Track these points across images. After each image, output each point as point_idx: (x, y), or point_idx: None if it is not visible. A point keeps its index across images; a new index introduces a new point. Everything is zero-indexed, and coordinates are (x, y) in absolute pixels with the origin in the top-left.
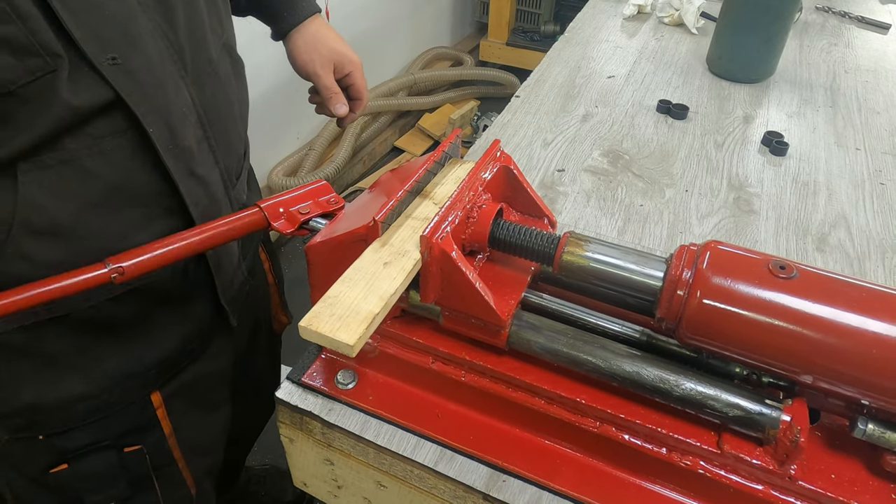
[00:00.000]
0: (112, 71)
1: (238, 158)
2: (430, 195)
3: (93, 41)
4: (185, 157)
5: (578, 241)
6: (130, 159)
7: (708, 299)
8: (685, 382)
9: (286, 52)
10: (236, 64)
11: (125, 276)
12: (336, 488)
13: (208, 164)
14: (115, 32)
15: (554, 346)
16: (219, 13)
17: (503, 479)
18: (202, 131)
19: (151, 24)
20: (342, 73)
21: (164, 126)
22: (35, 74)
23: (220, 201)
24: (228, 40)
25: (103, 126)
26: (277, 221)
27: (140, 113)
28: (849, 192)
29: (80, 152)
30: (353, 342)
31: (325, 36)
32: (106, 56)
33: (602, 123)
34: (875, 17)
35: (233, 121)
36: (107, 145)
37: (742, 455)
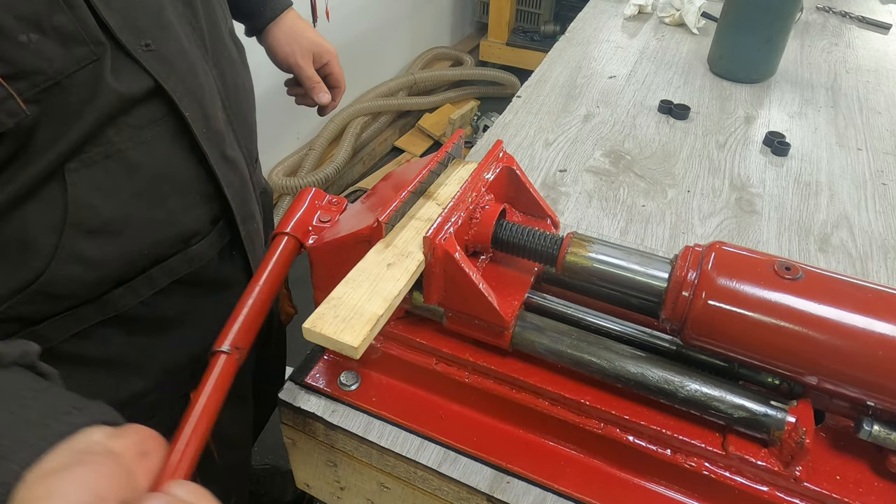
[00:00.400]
0: (148, 57)
1: (255, 141)
2: (434, 196)
3: (128, 29)
4: (217, 141)
5: (581, 241)
6: (170, 146)
7: (713, 300)
8: (690, 384)
9: (265, 47)
10: (240, 50)
11: (243, 351)
12: (339, 490)
13: (234, 146)
14: (148, 19)
15: (558, 347)
16: (222, 3)
17: (507, 480)
18: (226, 115)
19: (177, 10)
20: (320, 62)
21: (199, 110)
22: (81, 63)
23: (247, 183)
24: (231, 27)
25: (143, 115)
26: (309, 239)
27: (177, 97)
28: (851, 193)
29: (123, 144)
30: (358, 344)
31: (302, 28)
32: (140, 43)
33: (604, 124)
34: (876, 17)
35: (249, 104)
36: (147, 134)
37: (747, 456)
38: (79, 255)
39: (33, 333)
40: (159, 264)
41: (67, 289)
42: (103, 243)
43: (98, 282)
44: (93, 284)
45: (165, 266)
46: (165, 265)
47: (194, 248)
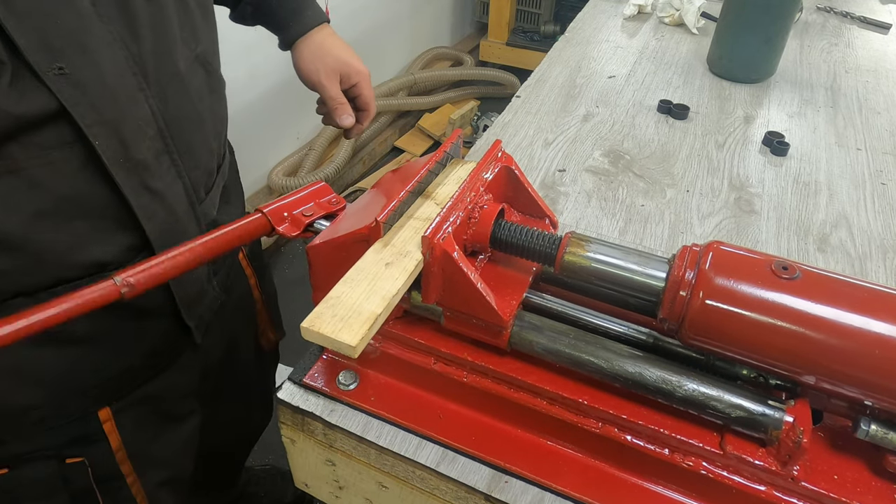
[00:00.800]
0: (58, 81)
1: (209, 173)
2: (432, 195)
3: (39, 50)
4: (138, 171)
5: (580, 241)
6: (80, 171)
7: (711, 300)
8: (688, 383)
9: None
10: (212, 78)
11: (135, 289)
12: (337, 489)
13: (168, 177)
14: (66, 42)
15: (556, 346)
16: (193, 26)
17: (505, 479)
18: (163, 144)
19: (111, 34)
20: (349, 83)
21: (115, 138)
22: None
23: (181, 216)
24: (204, 53)
25: (51, 136)
26: (281, 225)
27: (85, 125)
28: (850, 193)
29: (27, 162)
30: (356, 343)
31: (331, 45)
32: (52, 66)
33: (603, 123)
34: (875, 17)
35: (202, 135)
36: (55, 156)
37: (745, 456)
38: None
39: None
40: (66, 283)
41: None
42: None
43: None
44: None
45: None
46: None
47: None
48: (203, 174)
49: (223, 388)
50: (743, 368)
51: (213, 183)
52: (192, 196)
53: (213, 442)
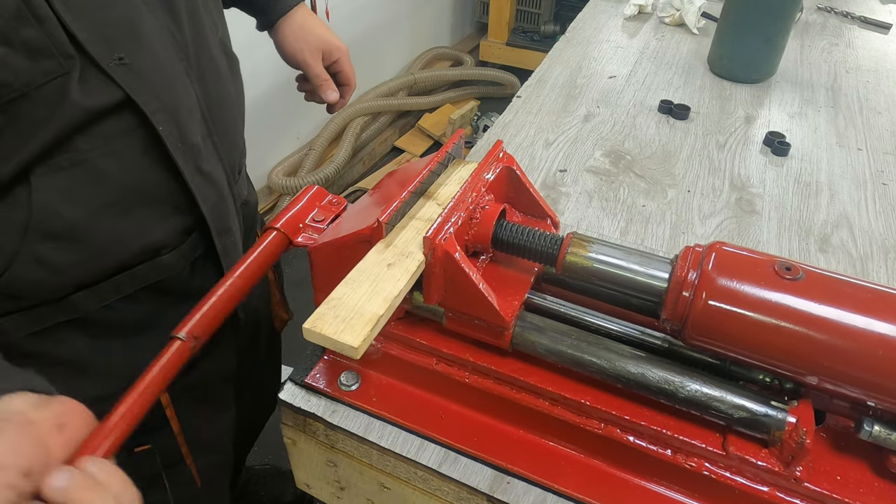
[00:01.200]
0: (120, 71)
1: (240, 154)
2: (434, 196)
3: (99, 42)
4: (192, 154)
5: (581, 241)
6: (141, 158)
7: (714, 300)
8: (690, 384)
9: (274, 42)
10: (232, 61)
11: (201, 340)
12: (339, 490)
13: (213, 160)
14: (122, 33)
15: (558, 347)
16: (212, 11)
17: (507, 480)
18: (206, 128)
19: (158, 22)
20: (330, 60)
21: (173, 124)
22: (48, 76)
23: (225, 197)
24: (223, 38)
25: (114, 126)
26: (299, 236)
27: (149, 111)
28: (851, 193)
29: (92, 153)
30: (358, 344)
31: (312, 24)
32: (113, 57)
33: (604, 124)
34: (876, 17)
35: (233, 117)
36: (118, 145)
37: (747, 457)
38: (40, 259)
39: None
40: (126, 271)
41: (27, 290)
42: (66, 248)
43: (60, 285)
44: (54, 287)
45: (132, 273)
46: (132, 272)
47: (164, 258)
48: (236, 155)
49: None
50: (759, 374)
51: (242, 164)
52: (230, 177)
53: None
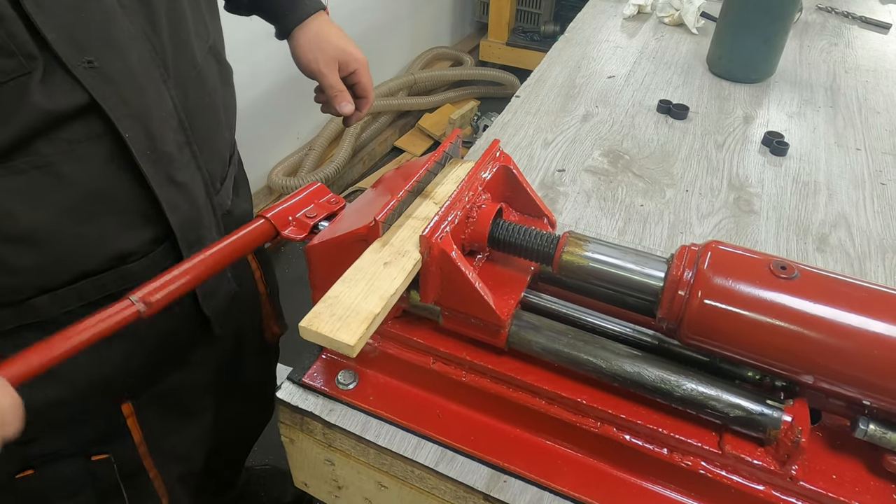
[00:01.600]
0: (88, 75)
1: (223, 164)
2: (431, 195)
3: (68, 44)
4: (163, 163)
5: (578, 240)
6: (107, 165)
7: (709, 300)
8: (686, 383)
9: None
10: (223, 69)
11: (153, 307)
12: (337, 489)
13: (190, 169)
14: (93, 36)
15: (555, 346)
16: (203, 17)
17: (504, 479)
18: (184, 136)
19: (134, 27)
20: (347, 71)
21: (142, 131)
22: (9, 76)
23: (200, 207)
24: (215, 45)
25: (79, 130)
26: (287, 229)
27: (115, 118)
28: (849, 193)
29: (55, 157)
30: (354, 342)
31: (329, 33)
32: (82, 59)
33: (602, 123)
34: (875, 17)
35: (217, 126)
36: (83, 150)
37: (743, 455)
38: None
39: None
40: (89, 278)
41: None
42: (24, 252)
43: (17, 288)
44: (12, 289)
45: (97, 281)
46: (97, 280)
47: (131, 267)
48: (218, 165)
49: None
50: (748, 370)
51: (226, 174)
52: (210, 187)
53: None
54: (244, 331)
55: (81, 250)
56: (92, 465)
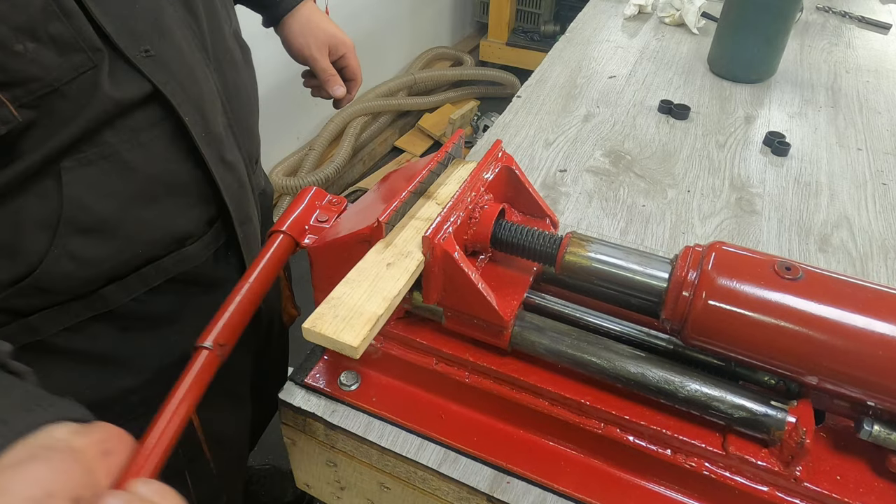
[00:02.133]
0: (147, 63)
1: (256, 143)
2: (434, 196)
3: (126, 35)
4: (216, 144)
5: (580, 241)
6: (167, 149)
7: (713, 300)
8: (690, 384)
9: (281, 38)
10: (245, 51)
11: (227, 348)
12: (339, 490)
13: (234, 149)
14: (147, 25)
15: (558, 347)
16: (227, 3)
17: (507, 480)
18: (226, 118)
19: (177, 14)
20: (336, 55)
21: (199, 114)
22: (79, 70)
23: (245, 186)
24: (236, 29)
25: (142, 118)
26: (305, 238)
27: (177, 102)
28: (851, 193)
29: (120, 146)
30: (357, 344)
31: (318, 19)
32: (140, 49)
33: (604, 124)
34: (875, 17)
35: (249, 106)
36: (145, 137)
37: (747, 456)
38: (72, 253)
39: (24, 325)
40: (152, 263)
41: (59, 285)
42: (97, 242)
43: (90, 279)
44: (85, 281)
45: (159, 265)
46: (159, 264)
47: (189, 249)
48: (253, 144)
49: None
50: (765, 375)
51: (259, 154)
52: (249, 166)
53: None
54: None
55: (146, 235)
56: None
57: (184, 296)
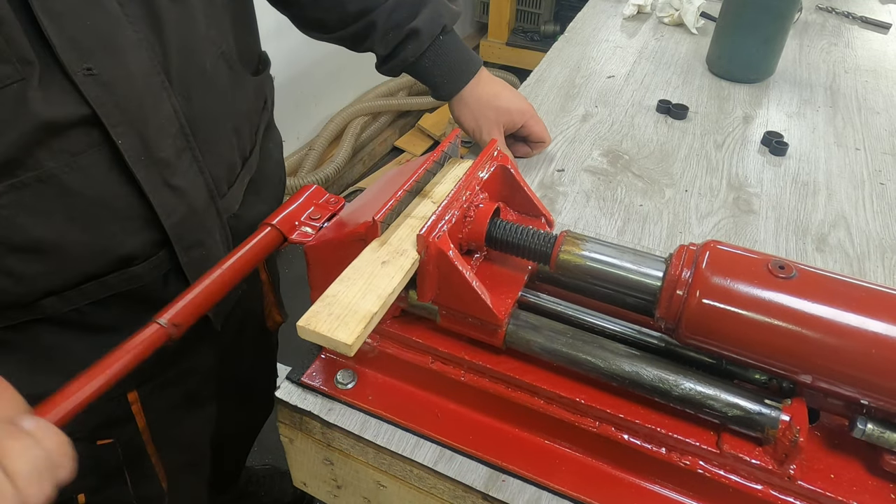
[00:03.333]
0: (87, 82)
1: (231, 168)
2: (429, 194)
3: (71, 50)
4: (159, 168)
5: (575, 240)
6: (108, 173)
7: (707, 299)
8: (684, 382)
9: (450, 111)
10: (237, 74)
11: (181, 328)
12: (336, 488)
13: (190, 174)
14: (96, 43)
15: (553, 345)
16: (220, 23)
17: (502, 478)
18: (185, 141)
19: (137, 35)
20: (515, 128)
21: (138, 138)
22: (3, 82)
23: (200, 211)
24: (230, 52)
25: (79, 140)
26: (294, 234)
27: (110, 125)
28: (848, 192)
29: (58, 169)
30: (352, 341)
31: (489, 97)
32: (81, 66)
33: (602, 123)
34: (875, 17)
35: (224, 131)
36: (84, 160)
37: (741, 455)
38: (7, 270)
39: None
40: (95, 280)
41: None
42: (33, 261)
43: (27, 293)
44: (22, 294)
45: (102, 282)
46: (102, 281)
47: (135, 269)
48: (225, 169)
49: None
50: (755, 373)
51: (235, 177)
52: (214, 191)
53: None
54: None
55: (86, 256)
56: (97, 450)
57: (128, 310)
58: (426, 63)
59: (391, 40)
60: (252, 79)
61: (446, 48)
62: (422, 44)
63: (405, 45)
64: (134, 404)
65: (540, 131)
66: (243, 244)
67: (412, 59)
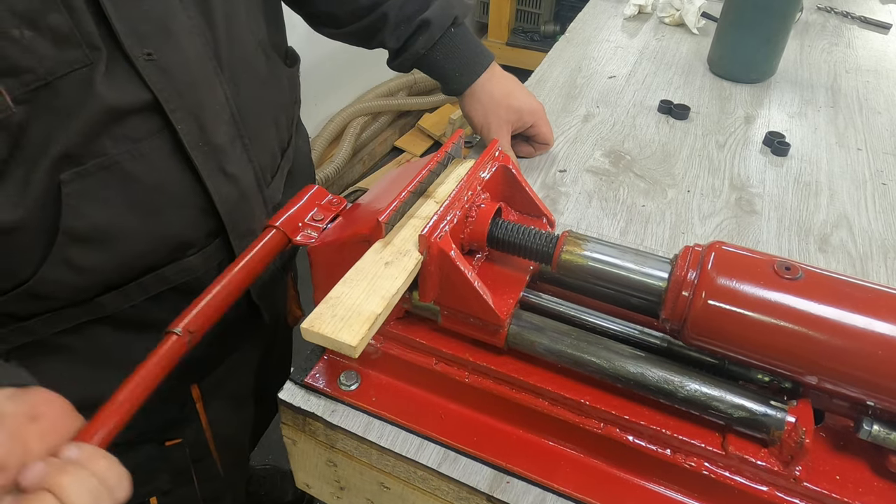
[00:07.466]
0: (148, 67)
1: (273, 158)
2: (433, 195)
3: (132, 35)
4: (215, 156)
5: (577, 240)
6: (167, 160)
7: (713, 300)
8: (690, 383)
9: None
10: (273, 64)
11: (197, 336)
12: (339, 490)
13: (242, 161)
14: (153, 28)
15: (557, 346)
16: (256, 12)
17: (507, 480)
18: (235, 129)
19: (190, 21)
20: (524, 126)
21: (195, 124)
22: (72, 66)
23: (251, 199)
24: (265, 41)
25: (140, 126)
26: (298, 235)
27: (170, 110)
28: (851, 193)
29: (120, 156)
30: (356, 343)
31: (500, 95)
32: (143, 52)
33: (603, 124)
34: (876, 17)
35: (267, 120)
36: (145, 147)
37: (747, 456)
38: (70, 262)
39: (20, 328)
40: (152, 272)
41: (57, 292)
42: (95, 251)
43: (88, 287)
44: (83, 289)
45: (159, 274)
46: (159, 273)
47: (189, 259)
48: (269, 158)
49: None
50: (758, 373)
51: (277, 167)
52: (261, 179)
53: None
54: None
55: (146, 245)
56: (166, 451)
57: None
58: (437, 55)
59: (402, 32)
60: (286, 69)
61: (458, 41)
62: (433, 35)
63: (416, 37)
64: (198, 402)
65: (546, 133)
66: (250, 248)
67: (423, 52)
